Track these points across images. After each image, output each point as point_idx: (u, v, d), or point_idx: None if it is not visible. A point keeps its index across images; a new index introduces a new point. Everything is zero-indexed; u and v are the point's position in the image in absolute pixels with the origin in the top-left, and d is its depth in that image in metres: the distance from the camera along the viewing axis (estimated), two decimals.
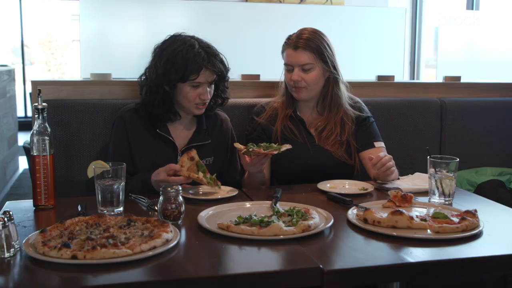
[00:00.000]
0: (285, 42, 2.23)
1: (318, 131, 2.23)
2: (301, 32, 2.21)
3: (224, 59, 2.08)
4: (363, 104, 2.34)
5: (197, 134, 2.12)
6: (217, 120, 2.20)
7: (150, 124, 2.07)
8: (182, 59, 1.96)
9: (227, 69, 2.09)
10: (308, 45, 2.16)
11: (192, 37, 2.05)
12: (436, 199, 1.77)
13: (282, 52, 2.25)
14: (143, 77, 2.09)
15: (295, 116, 2.26)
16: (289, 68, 2.21)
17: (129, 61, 4.09)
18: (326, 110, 2.26)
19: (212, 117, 2.19)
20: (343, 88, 2.27)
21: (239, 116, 2.43)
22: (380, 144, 2.26)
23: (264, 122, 2.25)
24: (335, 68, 2.22)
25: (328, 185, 1.98)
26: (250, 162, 1.93)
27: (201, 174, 1.84)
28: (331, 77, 2.22)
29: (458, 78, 3.01)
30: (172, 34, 2.07)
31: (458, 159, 1.77)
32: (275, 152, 1.91)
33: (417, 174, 2.17)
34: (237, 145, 1.95)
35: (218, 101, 2.17)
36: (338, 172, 2.14)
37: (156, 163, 1.93)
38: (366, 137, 2.25)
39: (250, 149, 1.90)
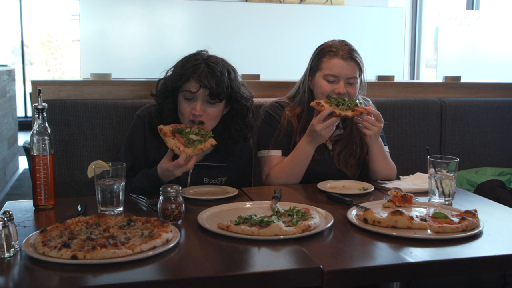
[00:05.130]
0: (327, 51, 2.06)
1: (337, 152, 2.13)
2: (342, 42, 2.08)
3: (227, 82, 1.90)
4: (373, 105, 2.30)
5: (215, 153, 2.03)
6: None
7: None
8: (181, 65, 1.94)
9: (224, 89, 1.89)
10: (356, 57, 2.04)
11: (212, 56, 1.97)
12: (436, 199, 1.77)
13: (320, 62, 2.07)
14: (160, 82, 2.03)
15: None
16: (332, 79, 2.04)
17: (129, 61, 4.09)
18: (348, 126, 2.15)
19: None
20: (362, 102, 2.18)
21: None
22: (385, 149, 2.24)
23: (284, 130, 2.14)
24: (362, 83, 2.13)
25: (328, 185, 1.98)
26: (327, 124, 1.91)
27: (197, 143, 1.78)
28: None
29: (458, 78, 3.01)
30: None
31: (458, 159, 1.77)
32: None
33: (417, 174, 2.17)
34: (321, 103, 1.93)
35: (233, 134, 2.01)
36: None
37: None
38: None
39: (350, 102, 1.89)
